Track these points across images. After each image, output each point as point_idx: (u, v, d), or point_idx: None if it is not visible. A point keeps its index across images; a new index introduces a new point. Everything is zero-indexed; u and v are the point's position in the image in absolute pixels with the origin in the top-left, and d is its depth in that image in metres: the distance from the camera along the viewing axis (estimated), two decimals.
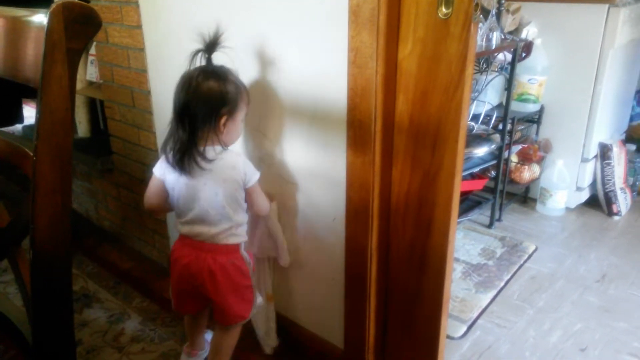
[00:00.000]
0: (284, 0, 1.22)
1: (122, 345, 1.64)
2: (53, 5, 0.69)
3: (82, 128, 2.29)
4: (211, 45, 1.19)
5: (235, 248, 1.31)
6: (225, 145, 1.25)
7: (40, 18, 0.73)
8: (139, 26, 1.63)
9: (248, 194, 1.29)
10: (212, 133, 1.20)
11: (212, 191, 1.23)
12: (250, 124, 1.43)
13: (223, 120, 1.20)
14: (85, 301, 1.85)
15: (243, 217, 1.31)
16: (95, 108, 2.29)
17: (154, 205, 1.33)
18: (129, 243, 2.13)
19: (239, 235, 1.31)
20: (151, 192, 1.31)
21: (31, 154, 0.74)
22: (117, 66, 1.79)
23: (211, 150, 1.22)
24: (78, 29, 0.70)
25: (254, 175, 1.27)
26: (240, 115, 1.25)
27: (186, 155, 1.19)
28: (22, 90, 2.55)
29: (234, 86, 1.21)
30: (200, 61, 1.21)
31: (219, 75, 1.20)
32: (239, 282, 1.32)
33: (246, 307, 1.35)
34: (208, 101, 1.18)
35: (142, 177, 1.81)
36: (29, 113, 2.91)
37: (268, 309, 1.52)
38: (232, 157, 1.24)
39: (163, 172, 1.27)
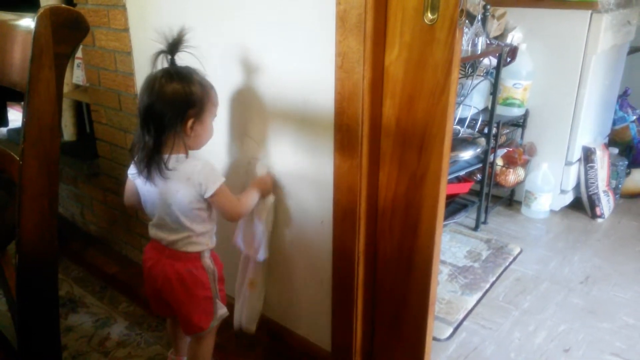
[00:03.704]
0: (271, 6, 1.23)
1: (108, 350, 1.62)
2: (41, 10, 0.69)
3: (68, 132, 2.27)
4: (173, 46, 1.15)
5: (195, 256, 1.26)
6: (192, 150, 1.20)
7: (27, 22, 0.73)
8: (126, 29, 1.63)
9: (211, 203, 1.23)
10: (178, 138, 1.16)
11: (168, 201, 1.20)
12: (238, 129, 1.43)
13: (190, 123, 1.16)
14: (70, 306, 1.84)
15: (203, 227, 1.25)
16: (81, 111, 2.27)
17: (132, 203, 1.33)
18: (116, 247, 2.12)
19: (200, 244, 1.26)
20: (127, 192, 1.32)
21: (17, 158, 0.74)
22: (103, 69, 1.78)
23: (173, 159, 1.18)
24: (66, 34, 0.70)
25: (213, 185, 1.19)
26: (209, 116, 1.21)
27: (150, 162, 1.16)
28: (7, 93, 2.52)
29: (199, 87, 1.16)
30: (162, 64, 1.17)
31: (183, 76, 1.15)
32: (196, 292, 1.26)
33: (205, 318, 1.29)
34: (173, 103, 1.13)
35: None
36: (14, 116, 2.88)
37: (251, 296, 1.47)
38: (188, 168, 1.18)
39: (134, 175, 1.24)
